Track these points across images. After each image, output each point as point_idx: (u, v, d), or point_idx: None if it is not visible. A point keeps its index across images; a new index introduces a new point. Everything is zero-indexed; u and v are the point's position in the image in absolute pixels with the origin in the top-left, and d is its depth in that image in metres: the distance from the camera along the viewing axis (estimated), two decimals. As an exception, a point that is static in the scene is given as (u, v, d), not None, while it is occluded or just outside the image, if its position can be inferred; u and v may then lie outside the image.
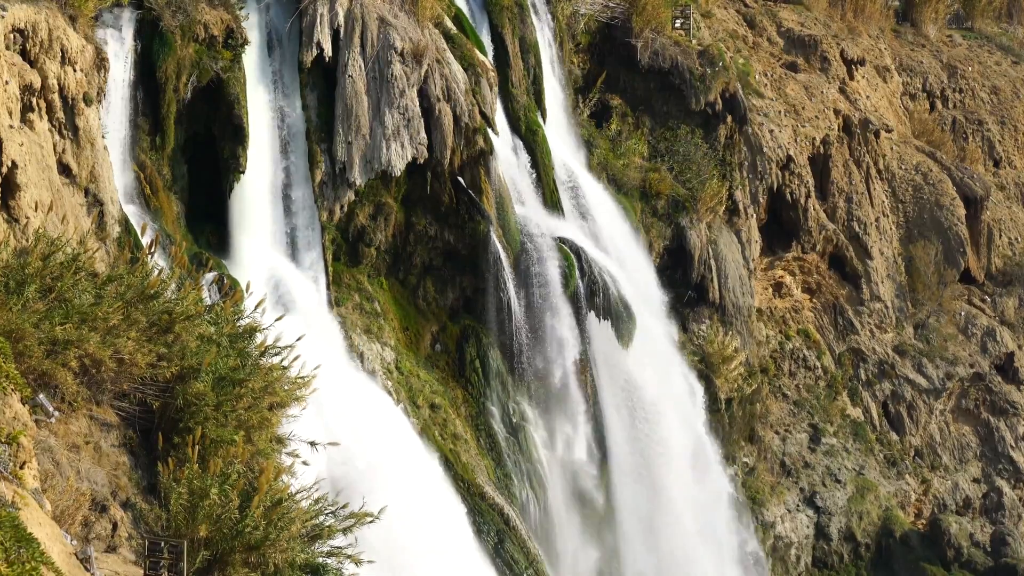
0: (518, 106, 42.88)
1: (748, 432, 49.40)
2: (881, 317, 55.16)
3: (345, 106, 37.08)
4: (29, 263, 19.87)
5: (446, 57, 38.98)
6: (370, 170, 37.41)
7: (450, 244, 39.57)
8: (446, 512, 35.02)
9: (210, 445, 19.50)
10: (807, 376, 52.85)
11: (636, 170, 47.24)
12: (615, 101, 48.77)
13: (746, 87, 51.07)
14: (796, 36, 58.47)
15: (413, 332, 39.54)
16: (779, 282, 53.37)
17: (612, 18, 48.74)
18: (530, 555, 37.26)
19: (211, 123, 35.49)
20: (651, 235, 46.58)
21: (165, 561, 17.47)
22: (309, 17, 36.88)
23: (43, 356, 18.86)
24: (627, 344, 42.00)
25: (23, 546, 13.83)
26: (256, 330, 22.30)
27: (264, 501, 18.52)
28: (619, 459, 42.18)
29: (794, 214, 52.83)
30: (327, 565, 19.58)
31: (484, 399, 39.62)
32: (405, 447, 35.12)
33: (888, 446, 53.43)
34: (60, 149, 29.08)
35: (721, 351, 47.09)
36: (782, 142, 51.86)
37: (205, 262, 31.05)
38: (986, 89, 66.12)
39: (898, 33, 65.88)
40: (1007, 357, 57.25)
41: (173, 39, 33.80)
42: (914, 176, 58.82)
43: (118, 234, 30.21)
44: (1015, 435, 55.93)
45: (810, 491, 50.26)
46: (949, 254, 57.66)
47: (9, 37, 27.68)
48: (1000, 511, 54.24)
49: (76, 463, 18.98)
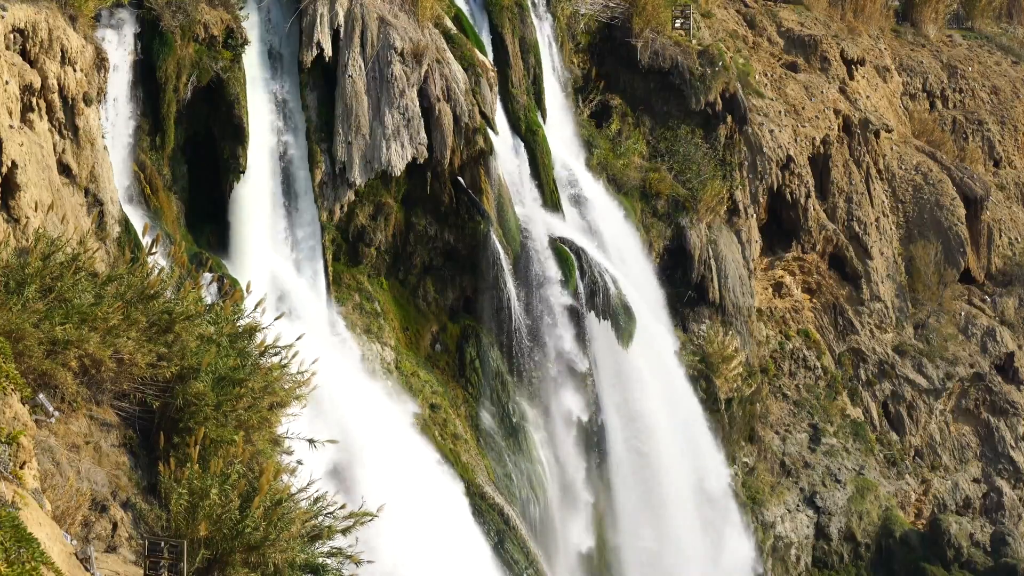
0: (518, 106, 42.87)
1: (748, 432, 49.39)
2: (881, 317, 55.15)
3: (345, 106, 37.08)
4: (29, 263, 19.87)
5: (446, 57, 38.98)
6: (370, 170, 37.41)
7: (450, 244, 39.56)
8: (446, 512, 35.02)
9: (210, 445, 19.48)
10: (807, 376, 52.84)
11: (636, 170, 47.24)
12: (615, 101, 48.77)
13: (746, 87, 51.06)
14: (796, 36, 58.46)
15: (413, 332, 39.53)
16: (779, 282, 53.36)
17: (612, 18, 48.74)
18: (530, 555, 37.25)
19: (211, 123, 35.49)
20: (651, 235, 46.58)
21: (165, 561, 17.46)
22: (309, 17, 36.88)
23: (43, 356, 18.85)
24: (627, 344, 42.02)
25: (23, 546, 13.82)
26: (256, 330, 22.28)
27: (264, 501, 18.51)
28: (618, 459, 42.21)
29: (794, 214, 52.82)
30: (327, 565, 19.57)
31: (484, 399, 39.62)
32: (405, 447, 35.12)
33: (888, 446, 53.42)
34: (60, 149, 29.07)
35: (721, 351, 47.08)
36: (782, 142, 51.85)
37: (205, 262, 31.04)
38: (986, 89, 66.10)
39: (898, 33, 65.88)
40: (1007, 357, 57.24)
41: (173, 39, 33.79)
42: (914, 176, 58.82)
43: (118, 234, 30.20)
44: (1015, 435, 55.92)
45: (810, 491, 50.25)
46: (949, 254, 57.66)
47: (9, 37, 27.67)
48: (1000, 511, 54.23)
49: (76, 463, 18.97)
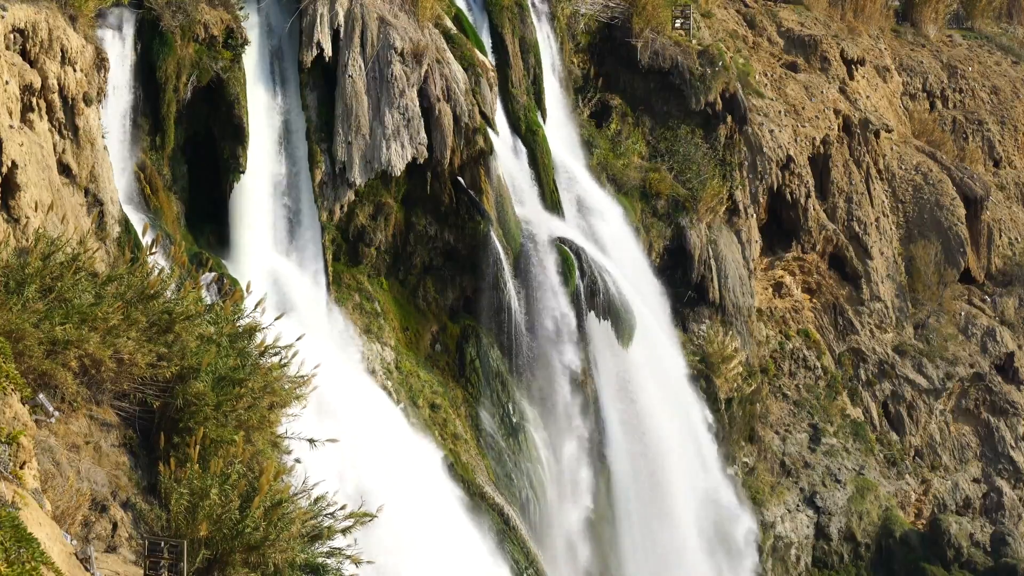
0: (518, 106, 42.87)
1: (748, 432, 49.39)
2: (881, 317, 55.14)
3: (345, 106, 37.08)
4: (29, 263, 19.86)
5: (446, 57, 38.97)
6: (370, 170, 37.40)
7: (450, 244, 39.55)
8: (447, 511, 35.02)
9: (210, 445, 19.48)
10: (807, 376, 52.84)
11: (636, 170, 47.23)
12: (615, 101, 48.77)
13: (746, 87, 51.06)
14: (796, 36, 58.47)
15: (413, 332, 39.52)
16: (779, 282, 53.35)
17: (612, 18, 48.74)
18: (530, 555, 37.25)
19: (211, 123, 35.48)
20: (651, 235, 46.58)
21: (165, 561, 17.45)
22: (309, 17, 36.88)
23: (43, 356, 18.85)
24: (627, 344, 42.02)
25: (23, 546, 13.82)
26: (256, 330, 22.28)
27: (264, 501, 18.51)
28: (619, 459, 42.19)
29: (794, 214, 52.82)
30: (327, 565, 19.58)
31: (484, 399, 39.61)
32: (405, 446, 35.12)
33: (888, 446, 53.41)
34: (60, 149, 29.07)
35: (721, 351, 47.08)
36: (782, 142, 51.84)
37: (205, 262, 31.04)
38: (986, 89, 66.10)
39: (898, 33, 65.88)
40: (1007, 357, 57.25)
41: (173, 39, 33.79)
42: (914, 176, 58.81)
43: (118, 234, 30.20)
44: (1015, 435, 55.92)
45: (810, 491, 50.25)
46: (949, 254, 57.66)
47: (9, 37, 27.67)
48: (1000, 511, 54.23)
49: (76, 463, 18.97)
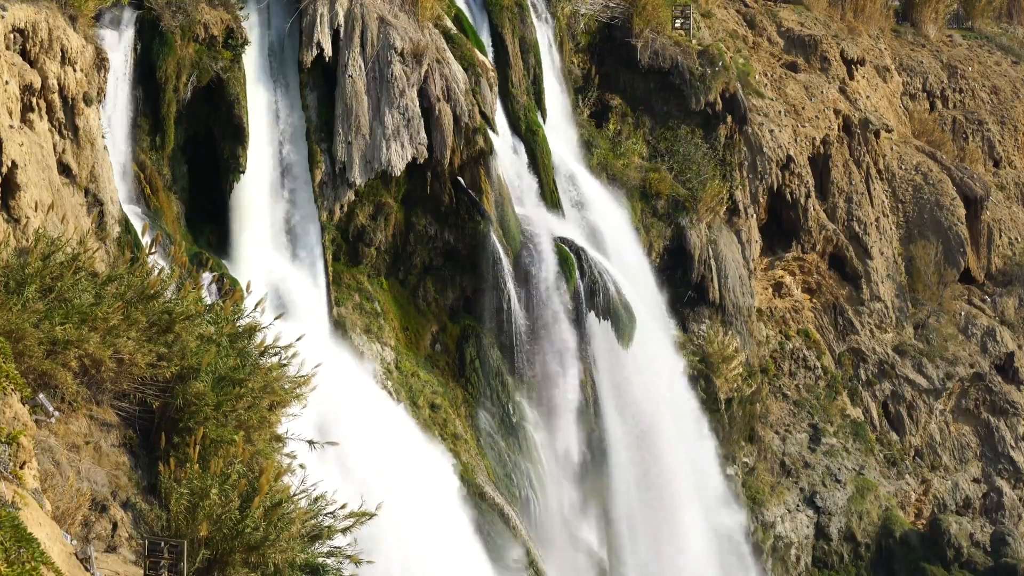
0: (518, 106, 42.87)
1: (748, 432, 49.38)
2: (881, 317, 55.14)
3: (345, 106, 37.08)
4: (29, 263, 19.86)
5: (446, 57, 38.98)
6: (370, 170, 37.40)
7: (450, 244, 39.55)
8: (447, 511, 35.02)
9: (210, 445, 19.49)
10: (807, 376, 52.83)
11: (636, 170, 47.23)
12: (615, 101, 48.76)
13: (746, 87, 51.05)
14: (796, 36, 58.46)
15: (413, 332, 39.52)
16: (779, 282, 53.36)
17: (612, 18, 48.73)
18: (530, 555, 37.26)
19: (211, 123, 35.49)
20: (651, 235, 46.57)
21: (165, 561, 17.46)
22: (309, 17, 36.88)
23: (43, 356, 18.85)
24: (627, 344, 42.01)
25: (23, 546, 13.82)
26: (256, 330, 22.28)
27: (264, 501, 18.52)
28: (619, 458, 42.19)
29: (794, 214, 52.82)
30: (327, 565, 19.59)
31: (484, 399, 39.61)
32: (405, 447, 35.12)
33: (888, 446, 53.41)
34: (60, 149, 29.08)
35: (721, 351, 47.06)
36: (782, 142, 51.84)
37: (205, 262, 31.06)
38: (986, 89, 66.09)
39: (898, 33, 65.87)
40: (1007, 357, 57.24)
41: (173, 39, 33.79)
42: (914, 176, 58.81)
43: (118, 234, 30.21)
44: (1015, 435, 55.92)
45: (810, 491, 50.25)
46: (949, 254, 57.65)
47: (9, 37, 27.68)
48: (1000, 511, 54.23)
49: (76, 463, 18.97)
